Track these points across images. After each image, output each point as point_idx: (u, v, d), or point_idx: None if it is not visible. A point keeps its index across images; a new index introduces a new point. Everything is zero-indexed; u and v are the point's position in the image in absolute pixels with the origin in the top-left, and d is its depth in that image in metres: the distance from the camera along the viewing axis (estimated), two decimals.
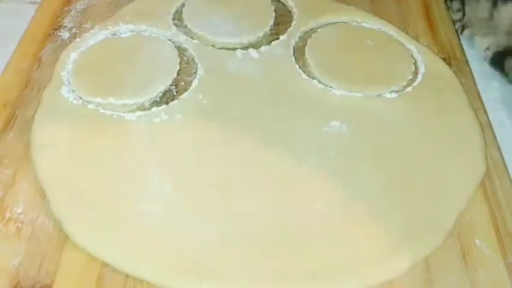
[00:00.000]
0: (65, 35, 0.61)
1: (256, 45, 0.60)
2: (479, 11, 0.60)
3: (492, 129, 0.53)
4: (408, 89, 0.56)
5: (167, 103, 0.54)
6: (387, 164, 0.49)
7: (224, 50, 0.59)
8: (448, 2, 0.66)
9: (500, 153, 0.51)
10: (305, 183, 0.48)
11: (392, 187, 0.47)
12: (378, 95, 0.55)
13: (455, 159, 0.50)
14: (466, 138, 0.51)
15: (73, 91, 0.54)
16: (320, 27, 0.62)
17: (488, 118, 0.54)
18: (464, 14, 0.63)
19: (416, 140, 0.51)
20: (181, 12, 0.63)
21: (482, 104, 0.55)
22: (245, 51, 0.59)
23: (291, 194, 0.47)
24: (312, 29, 0.62)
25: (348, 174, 0.48)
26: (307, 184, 0.48)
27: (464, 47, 0.62)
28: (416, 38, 0.61)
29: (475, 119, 0.53)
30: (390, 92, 0.55)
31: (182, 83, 0.56)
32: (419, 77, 0.57)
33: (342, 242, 0.44)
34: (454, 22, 0.64)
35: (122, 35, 0.60)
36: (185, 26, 0.62)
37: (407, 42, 0.60)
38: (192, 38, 0.60)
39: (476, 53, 0.62)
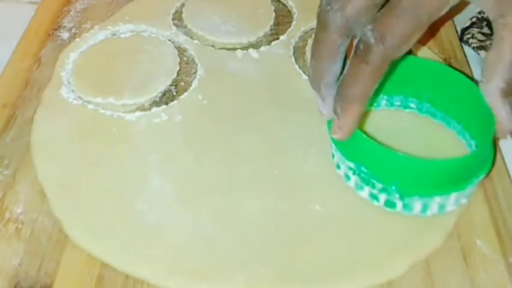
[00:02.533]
0: (65, 35, 0.61)
1: (256, 46, 0.60)
2: None
3: None
4: None
5: (167, 103, 0.54)
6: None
7: (224, 50, 0.59)
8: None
9: (501, 153, 0.51)
10: (305, 184, 0.48)
11: None
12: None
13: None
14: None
15: (73, 91, 0.54)
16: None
17: None
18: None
19: (416, 139, 0.51)
20: (181, 12, 0.63)
21: None
22: (245, 51, 0.59)
23: (291, 195, 0.47)
24: (312, 29, 0.61)
25: None
26: (307, 185, 0.48)
27: (465, 47, 0.62)
28: None
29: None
30: None
31: (182, 84, 0.56)
32: None
33: (342, 242, 0.44)
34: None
35: (122, 35, 0.60)
36: (185, 26, 0.62)
37: None
38: (191, 38, 0.60)
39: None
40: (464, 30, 0.63)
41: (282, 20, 0.63)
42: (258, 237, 0.44)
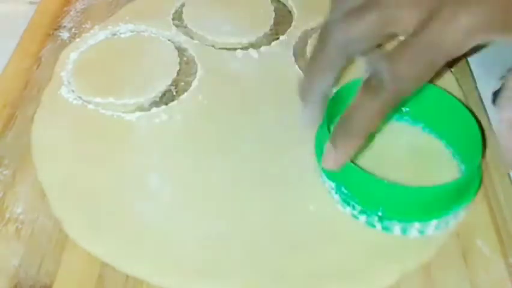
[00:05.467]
0: (65, 35, 0.61)
1: (256, 46, 0.59)
2: None
3: (493, 130, 0.53)
4: None
5: (166, 104, 0.54)
6: (384, 161, 0.49)
7: (224, 50, 0.59)
8: None
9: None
10: (303, 185, 0.47)
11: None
12: None
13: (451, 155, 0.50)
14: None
15: (73, 91, 0.54)
16: (320, 27, 0.62)
17: (488, 119, 0.54)
18: None
19: (413, 136, 0.51)
20: (181, 12, 0.63)
21: (483, 104, 0.55)
22: (245, 51, 0.59)
23: (289, 195, 0.47)
24: (312, 29, 0.62)
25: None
26: (306, 185, 0.47)
27: None
28: None
29: (471, 116, 0.53)
30: None
31: (182, 84, 0.56)
32: None
33: (341, 245, 0.44)
34: None
35: (122, 35, 0.60)
36: (185, 26, 0.62)
37: None
38: (191, 38, 0.60)
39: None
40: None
41: (282, 20, 0.63)
42: (257, 238, 0.44)
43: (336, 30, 0.42)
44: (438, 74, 0.56)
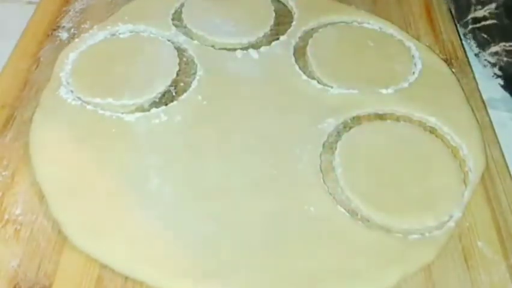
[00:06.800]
0: (64, 35, 0.61)
1: (256, 46, 0.59)
2: None
3: (494, 130, 0.53)
4: (405, 85, 0.55)
5: (166, 104, 0.53)
6: (385, 162, 0.49)
7: (224, 51, 0.59)
8: None
9: (502, 153, 0.51)
10: (303, 185, 0.47)
11: (389, 186, 0.47)
12: (375, 91, 0.55)
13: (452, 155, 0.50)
14: (463, 134, 0.51)
15: (72, 92, 0.54)
16: (320, 27, 0.62)
17: (489, 118, 0.54)
18: None
19: (413, 137, 0.51)
20: (180, 13, 0.63)
21: (484, 104, 0.55)
22: (245, 51, 0.59)
23: (288, 196, 0.47)
24: (312, 29, 0.61)
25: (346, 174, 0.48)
26: (305, 186, 0.47)
27: (466, 47, 0.61)
28: (418, 38, 0.61)
29: (472, 115, 0.53)
30: (387, 88, 0.55)
31: (182, 84, 0.56)
32: (416, 73, 0.56)
33: (341, 245, 0.44)
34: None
35: (121, 36, 0.60)
36: (185, 27, 0.61)
37: (406, 40, 0.60)
38: (191, 38, 0.60)
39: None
40: None
41: (282, 20, 0.63)
42: (256, 239, 0.44)
43: None
44: (439, 74, 0.57)
